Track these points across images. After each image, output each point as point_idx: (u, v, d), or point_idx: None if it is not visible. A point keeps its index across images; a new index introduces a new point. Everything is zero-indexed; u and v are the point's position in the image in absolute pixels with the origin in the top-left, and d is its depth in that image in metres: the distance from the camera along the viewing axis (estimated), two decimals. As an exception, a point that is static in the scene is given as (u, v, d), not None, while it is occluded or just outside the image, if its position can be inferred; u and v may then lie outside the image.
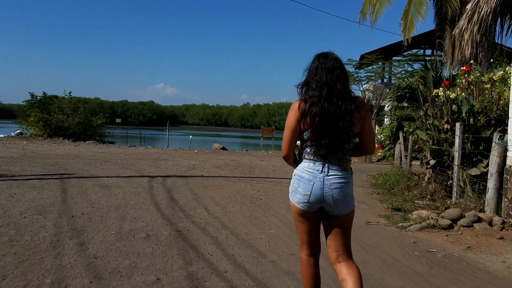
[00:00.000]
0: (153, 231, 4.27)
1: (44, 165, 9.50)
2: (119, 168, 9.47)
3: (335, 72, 2.22)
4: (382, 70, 19.44)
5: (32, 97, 22.52)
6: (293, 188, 2.30)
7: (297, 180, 2.27)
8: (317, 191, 2.19)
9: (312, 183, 2.20)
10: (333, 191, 2.19)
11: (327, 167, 2.21)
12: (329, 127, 2.16)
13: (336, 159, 2.22)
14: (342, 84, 2.22)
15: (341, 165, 2.24)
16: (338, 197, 2.20)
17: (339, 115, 2.17)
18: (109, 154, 13.51)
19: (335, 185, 2.20)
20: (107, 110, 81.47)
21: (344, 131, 2.19)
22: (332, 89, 2.19)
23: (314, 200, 2.21)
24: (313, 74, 2.25)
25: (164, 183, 7.42)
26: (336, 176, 2.21)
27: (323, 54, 2.30)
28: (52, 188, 6.32)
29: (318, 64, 2.26)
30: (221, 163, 11.95)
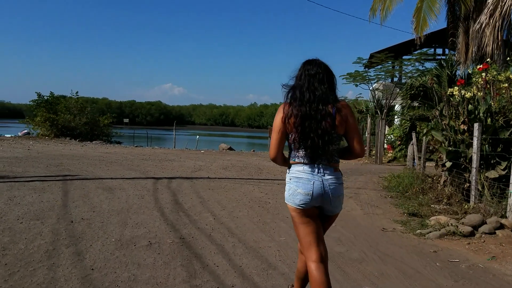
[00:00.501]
0: (155, 238, 4.02)
1: (48, 166, 9.32)
2: (124, 169, 9.25)
3: (317, 77, 2.35)
4: (392, 69, 19.06)
5: (39, 97, 22.47)
6: (291, 191, 2.33)
7: (294, 182, 2.32)
8: (319, 189, 2.27)
9: (312, 182, 2.27)
10: (331, 190, 2.30)
11: (320, 168, 2.31)
12: (311, 128, 2.27)
13: (325, 160, 2.31)
14: (325, 89, 2.33)
15: (332, 166, 2.34)
16: (335, 196, 2.32)
17: (320, 118, 2.27)
18: (115, 154, 13.34)
19: (332, 185, 2.31)
20: (115, 110, 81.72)
21: (326, 132, 2.27)
22: (314, 93, 2.30)
23: (316, 197, 2.28)
24: (298, 80, 2.38)
25: (169, 186, 7.18)
26: (331, 177, 2.32)
27: (308, 61, 2.44)
28: (54, 191, 6.11)
29: (302, 71, 2.40)
30: (228, 164, 11.71)
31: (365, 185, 8.89)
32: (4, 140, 17.61)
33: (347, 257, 3.91)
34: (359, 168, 12.72)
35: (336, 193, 2.31)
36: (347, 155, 2.47)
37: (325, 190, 2.28)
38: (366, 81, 18.61)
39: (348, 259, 3.85)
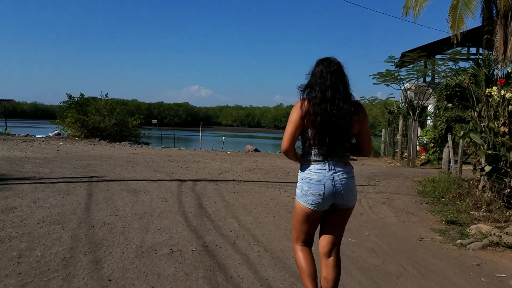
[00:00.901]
0: (177, 245, 3.82)
1: (75, 167, 9.37)
2: (149, 171, 9.18)
3: (338, 76, 2.38)
4: (424, 68, 18.34)
5: (69, 98, 22.98)
6: (303, 192, 2.40)
7: (307, 183, 2.38)
8: (330, 189, 2.33)
9: (323, 183, 2.33)
10: (343, 186, 2.35)
11: (332, 165, 2.36)
12: (331, 126, 2.32)
13: (337, 156, 2.38)
14: (344, 87, 2.39)
15: (343, 161, 2.40)
16: (348, 191, 2.37)
17: (340, 116, 2.32)
18: (142, 155, 13.37)
19: (344, 180, 2.36)
20: (144, 111, 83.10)
21: (344, 130, 2.35)
22: (335, 91, 2.34)
23: (328, 197, 2.35)
24: (318, 77, 2.39)
25: (193, 188, 7.01)
26: (343, 172, 2.37)
27: (327, 58, 2.46)
28: (78, 193, 6.05)
29: (322, 67, 2.40)
30: (254, 166, 11.48)
31: (398, 190, 8.46)
32: (35, 140, 18.04)
33: (383, 271, 3.59)
34: (391, 172, 12.23)
35: (347, 187, 2.37)
36: (356, 153, 2.56)
37: (336, 187, 2.34)
38: (397, 81, 18.02)
39: (385, 273, 3.53)
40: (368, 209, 6.34)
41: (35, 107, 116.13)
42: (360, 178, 10.08)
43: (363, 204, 6.72)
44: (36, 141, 17.95)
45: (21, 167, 8.89)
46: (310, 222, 2.46)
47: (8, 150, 12.75)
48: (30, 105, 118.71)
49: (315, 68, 2.46)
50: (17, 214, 4.57)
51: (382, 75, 17.76)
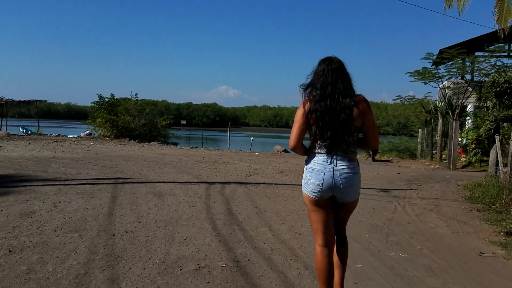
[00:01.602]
0: (205, 260, 3.39)
1: (102, 167, 9.16)
2: (177, 172, 8.85)
3: (338, 73, 2.48)
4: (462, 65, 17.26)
5: (100, 98, 23.18)
6: (305, 180, 2.52)
7: (309, 172, 2.49)
8: (329, 180, 2.41)
9: (323, 173, 2.42)
10: (342, 180, 2.41)
11: (334, 158, 2.43)
12: (331, 120, 2.40)
13: (341, 151, 2.44)
14: (343, 83, 2.47)
15: (347, 156, 2.45)
16: (346, 185, 2.42)
17: (339, 110, 2.41)
18: (170, 156, 13.12)
19: (344, 174, 2.41)
20: (173, 112, 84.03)
21: (344, 124, 2.41)
22: (335, 87, 2.45)
23: (326, 188, 2.43)
24: (319, 75, 2.50)
25: (222, 192, 6.59)
26: (344, 166, 2.43)
27: (328, 58, 2.56)
28: (102, 196, 5.74)
29: (324, 66, 2.51)
30: (284, 167, 10.97)
31: (443, 195, 7.75)
32: (66, 140, 18.21)
33: (447, 297, 3.02)
34: (432, 174, 11.43)
35: (347, 182, 2.42)
36: (363, 146, 2.61)
37: (335, 180, 2.41)
38: (436, 79, 17.08)
39: (450, 300, 2.97)
40: (415, 218, 5.72)
41: (69, 108, 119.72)
42: (400, 182, 9.40)
43: (409, 211, 6.10)
44: (67, 141, 18.11)
45: (48, 168, 8.76)
46: (319, 211, 2.52)
47: (38, 150, 12.79)
48: (64, 106, 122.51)
49: (318, 67, 2.56)
50: (35, 220, 4.27)
51: (419, 72, 16.89)
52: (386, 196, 7.35)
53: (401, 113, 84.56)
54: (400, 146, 19.54)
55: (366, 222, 5.17)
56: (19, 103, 26.27)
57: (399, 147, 19.45)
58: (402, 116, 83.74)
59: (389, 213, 5.88)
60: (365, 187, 8.15)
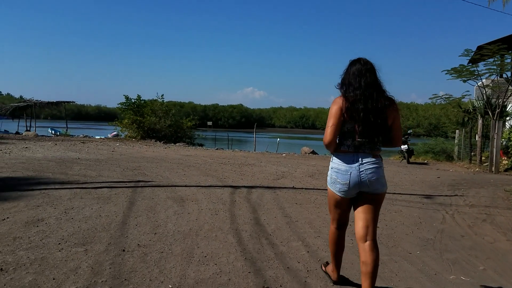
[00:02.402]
0: (228, 285, 2.82)
1: (124, 169, 8.80)
2: (201, 175, 8.37)
3: (373, 73, 2.61)
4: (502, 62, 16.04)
5: (127, 99, 23.13)
6: (332, 180, 2.67)
7: (335, 172, 2.62)
8: (355, 179, 2.54)
9: (349, 173, 2.55)
10: (369, 176, 2.54)
11: (360, 157, 2.56)
12: (369, 119, 2.51)
13: (368, 149, 2.58)
14: (380, 84, 2.61)
15: (372, 153, 2.59)
16: (373, 180, 2.54)
17: (378, 110, 2.53)
18: (195, 157, 12.70)
19: (370, 170, 2.54)
20: (199, 113, 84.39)
21: (382, 124, 2.55)
22: (374, 87, 2.57)
23: (353, 186, 2.56)
24: (356, 76, 2.58)
25: (248, 197, 6.03)
26: (370, 162, 2.55)
27: (361, 58, 2.67)
28: (119, 201, 5.29)
29: (360, 66, 2.61)
30: (314, 170, 10.32)
31: (493, 203, 6.92)
32: (93, 141, 18.15)
33: None
34: (474, 178, 10.49)
35: (373, 177, 2.53)
36: (387, 144, 2.70)
37: (362, 177, 2.52)
38: (474, 77, 15.98)
39: None
40: (468, 229, 4.98)
41: (99, 110, 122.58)
42: (442, 187, 8.58)
43: (459, 221, 5.35)
44: (94, 142, 18.05)
45: (69, 169, 8.46)
46: (340, 206, 2.71)
47: (63, 151, 12.65)
48: (94, 108, 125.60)
49: (352, 67, 2.63)
50: (40, 229, 3.83)
51: (456, 70, 15.85)
52: (431, 203, 6.59)
53: (432, 114, 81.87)
54: (435, 148, 18.48)
55: (414, 235, 4.48)
56: (48, 104, 26.66)
57: (435, 149, 18.39)
58: (433, 117, 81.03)
59: (438, 224, 5.16)
60: (405, 193, 7.40)
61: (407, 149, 15.02)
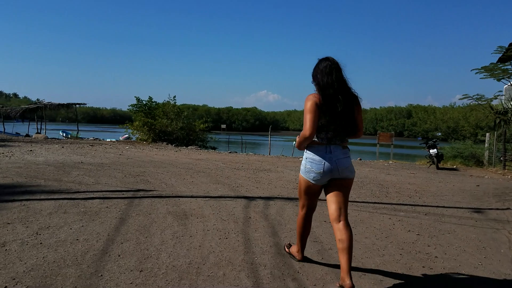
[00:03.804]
0: None
1: (126, 175, 7.88)
2: (210, 183, 7.39)
3: (340, 70, 2.81)
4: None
5: (138, 101, 22.37)
6: (306, 169, 2.90)
7: (310, 162, 2.87)
8: (328, 167, 2.80)
9: (323, 163, 2.80)
10: (339, 164, 2.81)
11: (332, 148, 2.83)
12: (340, 115, 2.77)
13: (339, 140, 2.85)
14: (347, 81, 2.83)
15: (342, 145, 2.87)
16: (344, 168, 2.83)
17: (347, 104, 2.78)
18: (206, 161, 11.75)
19: (341, 160, 2.82)
20: (213, 116, 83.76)
21: (351, 118, 2.81)
22: (342, 82, 2.80)
23: (326, 174, 2.81)
24: (326, 73, 2.77)
25: (266, 212, 5.01)
26: (340, 153, 2.84)
27: (328, 57, 2.87)
28: (108, 218, 4.32)
29: (329, 63, 2.81)
30: (338, 177, 9.23)
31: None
32: (102, 144, 17.38)
33: None
34: (509, 187, 9.24)
35: (343, 165, 2.82)
36: (352, 135, 2.92)
37: (333, 166, 2.80)
38: (507, 77, 14.70)
39: None
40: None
41: (114, 113, 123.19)
42: (487, 197, 7.39)
43: (534, 248, 4.22)
44: (103, 145, 17.29)
45: (66, 175, 7.58)
46: (312, 193, 2.99)
47: (67, 155, 11.84)
48: (109, 111, 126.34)
49: (320, 64, 2.84)
50: (-10, 262, 2.87)
51: (487, 69, 14.60)
52: (484, 219, 5.46)
53: (450, 117, 79.36)
54: (464, 152, 17.15)
55: (485, 269, 3.38)
56: (58, 106, 26.10)
57: (463, 153, 17.06)
58: (451, 120, 78.55)
59: (506, 250, 4.05)
60: (450, 206, 6.27)
61: (437, 154, 13.78)
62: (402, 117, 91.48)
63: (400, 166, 13.80)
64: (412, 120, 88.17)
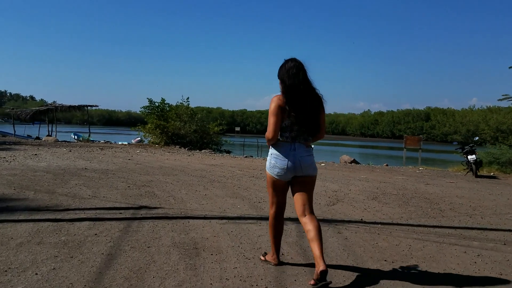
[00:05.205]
0: None
1: (130, 186, 6.83)
2: (227, 196, 6.28)
3: (305, 71, 2.93)
4: None
5: (150, 103, 21.47)
6: (271, 165, 3.00)
7: (274, 158, 2.98)
8: (291, 164, 2.92)
9: (287, 160, 2.92)
10: (302, 162, 2.93)
11: (296, 146, 2.94)
12: (304, 116, 2.89)
13: (303, 139, 2.98)
14: (311, 82, 2.96)
15: (305, 144, 2.99)
16: (307, 165, 2.95)
17: (312, 105, 2.92)
18: (221, 168, 10.66)
19: (304, 158, 2.95)
20: (227, 118, 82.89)
21: (314, 119, 2.95)
22: (308, 85, 2.92)
23: (290, 171, 2.94)
24: (291, 74, 2.89)
25: (303, 245, 3.80)
26: (303, 151, 2.96)
27: (294, 58, 2.99)
28: (92, 253, 3.22)
29: (295, 63, 2.93)
30: (372, 188, 8.01)
31: None
32: (112, 148, 16.49)
33: None
34: None
35: (305, 163, 2.94)
36: (315, 137, 3.06)
37: (296, 164, 2.92)
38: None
39: None
40: None
41: (129, 115, 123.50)
42: None
43: None
44: (114, 148, 16.40)
45: (62, 185, 6.59)
46: (278, 189, 3.06)
47: (73, 159, 10.91)
48: (125, 113, 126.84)
49: (286, 65, 2.93)
50: None
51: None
52: None
53: (470, 120, 76.84)
54: (501, 158, 15.68)
55: None
56: (69, 108, 25.39)
57: (500, 159, 15.60)
58: (471, 123, 76.02)
59: None
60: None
61: (475, 160, 12.38)
62: (420, 119, 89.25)
63: (434, 173, 12.45)
64: (431, 123, 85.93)
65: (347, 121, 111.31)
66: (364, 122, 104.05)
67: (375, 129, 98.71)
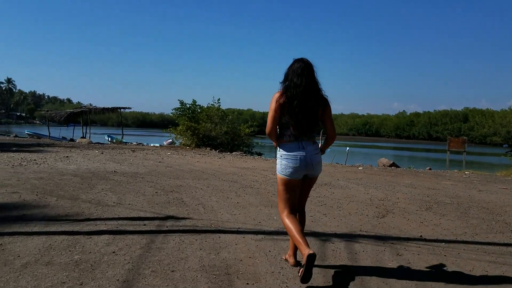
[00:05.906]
0: None
1: (157, 192, 6.38)
2: (261, 205, 5.69)
3: (312, 71, 2.98)
4: None
5: (181, 104, 21.27)
6: (283, 166, 2.99)
7: (285, 159, 2.97)
8: (304, 162, 2.95)
9: (298, 158, 2.94)
10: (313, 159, 2.98)
11: (303, 144, 2.98)
12: (305, 114, 2.93)
13: (307, 137, 3.01)
14: (317, 83, 3.00)
15: (311, 141, 3.04)
16: (316, 162, 3.01)
17: (315, 103, 2.95)
18: (253, 171, 10.10)
19: (314, 156, 3.00)
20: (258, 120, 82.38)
21: (314, 117, 2.98)
22: (312, 83, 2.95)
23: (303, 169, 2.96)
24: (297, 74, 2.93)
25: (356, 273, 3.20)
26: (312, 148, 3.00)
27: (301, 58, 3.02)
28: (105, 278, 2.71)
29: (302, 63, 2.96)
30: (422, 196, 7.19)
31: None
32: (144, 150, 16.30)
33: None
34: None
35: (315, 160, 3.00)
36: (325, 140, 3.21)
37: (307, 161, 2.95)
38: None
39: None
40: None
41: (162, 118, 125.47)
42: None
43: None
44: (145, 150, 16.21)
45: (88, 190, 6.23)
46: (291, 190, 3.02)
47: (104, 161, 10.68)
48: (158, 116, 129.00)
49: (294, 64, 2.99)
50: None
51: None
52: None
53: (510, 120, 72.78)
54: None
55: None
56: (103, 110, 25.64)
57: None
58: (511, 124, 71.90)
59: None
60: None
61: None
62: (458, 121, 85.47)
63: (482, 178, 11.36)
64: (469, 124, 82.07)
65: (381, 122, 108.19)
66: (399, 123, 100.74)
67: (411, 130, 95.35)
